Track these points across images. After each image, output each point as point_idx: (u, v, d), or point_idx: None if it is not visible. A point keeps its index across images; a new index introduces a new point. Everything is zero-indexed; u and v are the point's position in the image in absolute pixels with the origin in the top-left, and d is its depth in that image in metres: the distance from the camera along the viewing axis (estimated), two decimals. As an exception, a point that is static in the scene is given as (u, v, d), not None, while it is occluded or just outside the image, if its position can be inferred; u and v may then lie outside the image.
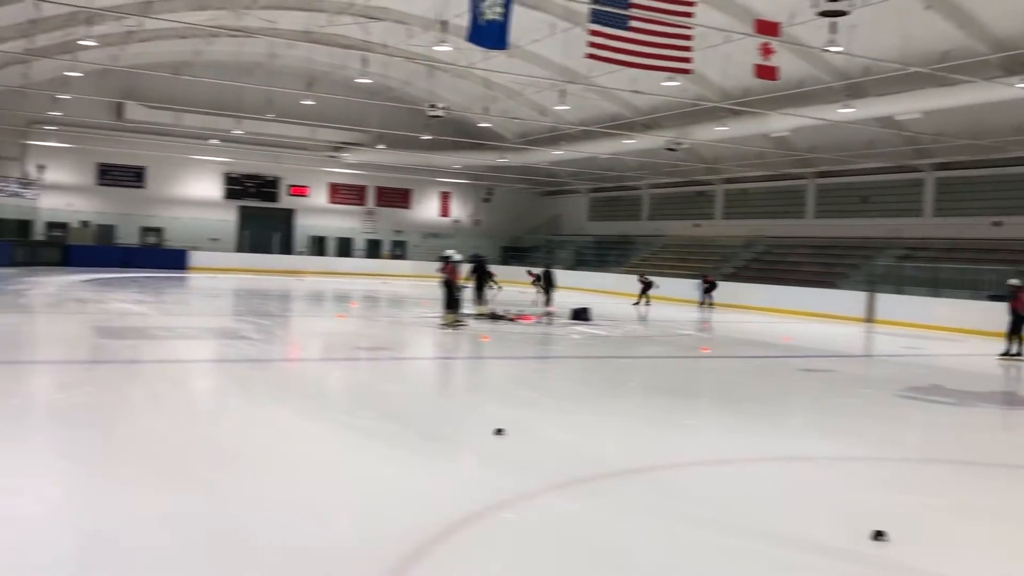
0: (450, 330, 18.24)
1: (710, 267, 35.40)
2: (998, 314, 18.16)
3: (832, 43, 18.40)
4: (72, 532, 5.30)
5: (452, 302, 19.03)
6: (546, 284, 25.22)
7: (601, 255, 43.77)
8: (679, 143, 32.68)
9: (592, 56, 15.67)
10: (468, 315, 21.07)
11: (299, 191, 46.19)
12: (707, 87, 30.04)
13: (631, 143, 35.24)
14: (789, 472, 7.79)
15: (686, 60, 16.06)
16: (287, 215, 46.07)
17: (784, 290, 30.06)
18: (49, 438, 7.65)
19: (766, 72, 19.20)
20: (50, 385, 10.52)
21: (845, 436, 9.40)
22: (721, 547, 5.55)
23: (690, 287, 31.35)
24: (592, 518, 6.06)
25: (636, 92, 26.61)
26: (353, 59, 32.81)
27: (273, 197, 45.58)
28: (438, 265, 19.85)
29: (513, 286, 36.09)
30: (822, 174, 35.02)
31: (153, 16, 26.02)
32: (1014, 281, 17.24)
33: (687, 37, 15.89)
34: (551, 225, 51.21)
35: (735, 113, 29.65)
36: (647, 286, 30.04)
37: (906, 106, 25.62)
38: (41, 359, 12.79)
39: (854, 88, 26.96)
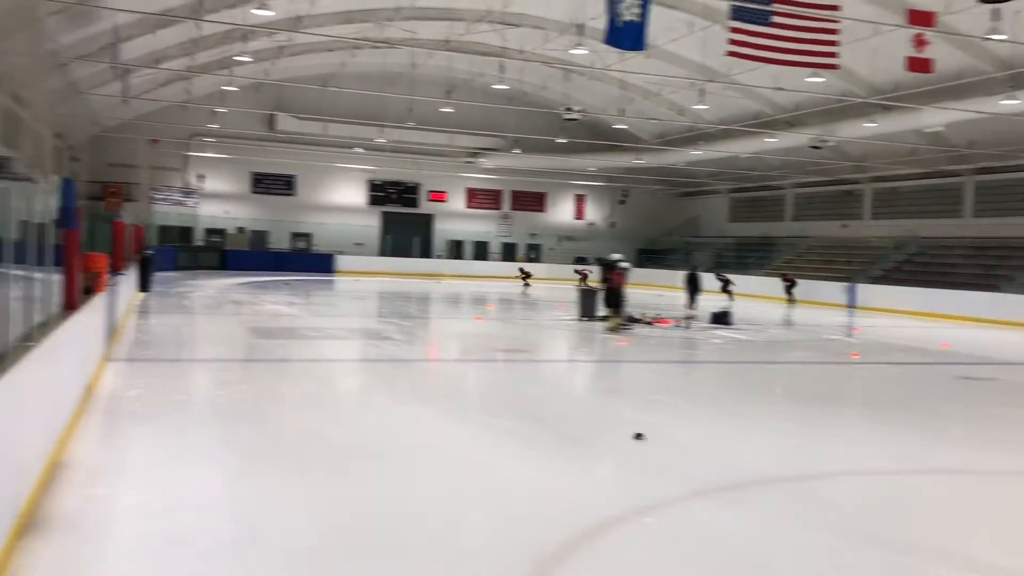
0: (615, 334, 18.22)
1: (857, 269, 33.88)
2: None
3: (995, 31, 17.28)
4: (233, 521, 5.61)
5: (615, 305, 19.00)
6: (691, 287, 24.64)
7: (742, 257, 42.66)
8: (824, 141, 31.46)
9: (733, 54, 15.33)
10: (601, 318, 21.00)
11: (437, 196, 47.30)
12: (854, 82, 28.79)
13: (773, 142, 34.17)
14: (945, 485, 7.37)
15: (832, 55, 15.48)
16: (426, 220, 47.27)
17: (940, 293, 28.34)
18: (210, 432, 8.13)
19: (919, 64, 18.23)
20: (211, 382, 11.19)
21: (1008, 448, 8.80)
22: (870, 561, 5.31)
23: (836, 290, 30.11)
24: (734, 526, 5.92)
25: (779, 89, 25.81)
26: (490, 65, 33.32)
27: (413, 203, 46.87)
28: (586, 269, 19.82)
29: (650, 289, 35.69)
30: (982, 170, 32.86)
31: (303, 31, 27.25)
32: None
33: (833, 31, 15.31)
34: (689, 227, 50.35)
35: (885, 108, 28.27)
36: (791, 284, 29.13)
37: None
38: (202, 357, 13.61)
39: (1020, 78, 25.18)
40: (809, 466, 7.80)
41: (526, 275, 38.36)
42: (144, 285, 23.09)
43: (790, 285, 31.26)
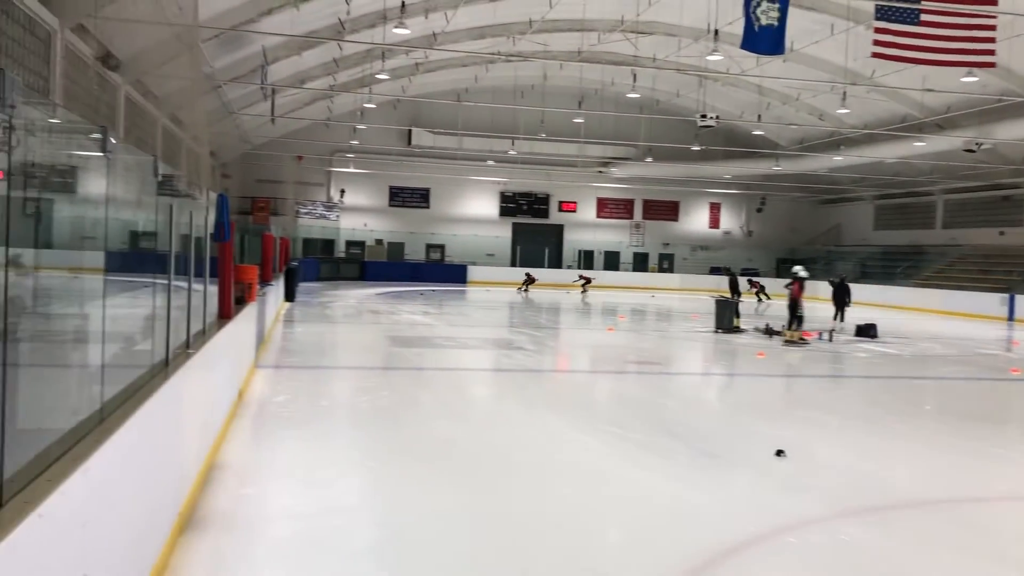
0: (793, 347, 17.88)
1: (1018, 279, 31.69)
2: None
3: None
4: (375, 525, 5.78)
5: (795, 318, 18.92)
6: (838, 298, 23.54)
7: (888, 267, 40.70)
8: (980, 143, 29.64)
9: (879, 55, 14.70)
10: (741, 329, 20.48)
11: (568, 207, 47.38)
12: (1013, 80, 26.99)
13: (922, 145, 32.45)
14: None
15: (989, 52, 14.59)
16: (557, 230, 47.41)
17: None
18: (352, 437, 8.41)
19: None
20: (352, 388, 11.57)
21: None
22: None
23: (994, 302, 28.26)
24: (884, 549, 5.63)
25: (928, 91, 24.52)
26: (623, 74, 33.16)
27: (544, 213, 47.12)
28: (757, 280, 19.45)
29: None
30: None
31: (438, 48, 27.94)
32: None
33: (990, 27, 14.42)
34: (831, 235, 48.44)
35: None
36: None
37: None
38: (344, 364, 14.11)
39: None
40: (965, 488, 7.34)
41: (586, 281, 38.18)
42: (290, 295, 24.17)
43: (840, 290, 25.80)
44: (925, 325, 21.97)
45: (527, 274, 39.11)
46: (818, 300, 31.09)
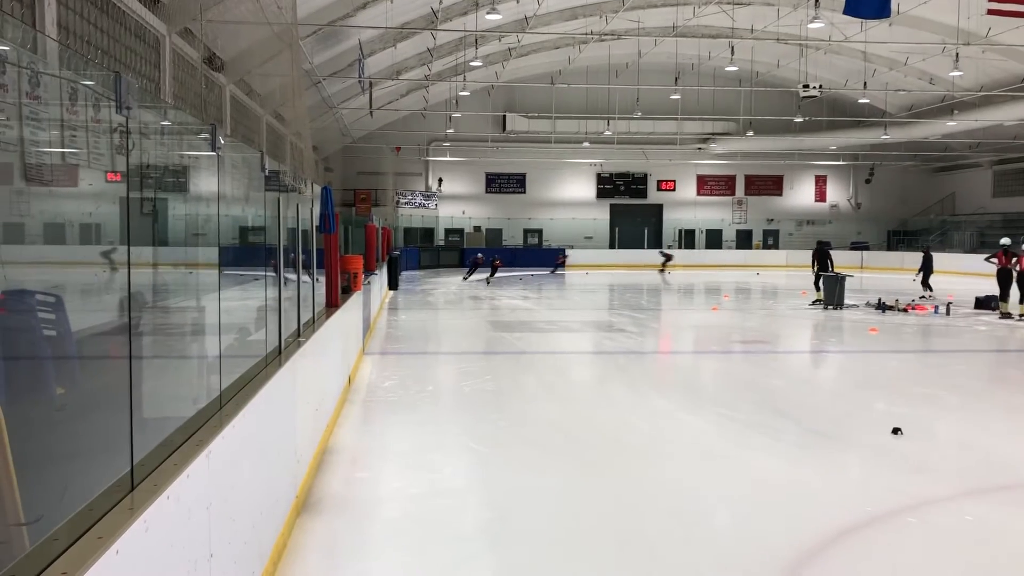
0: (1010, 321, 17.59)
1: None
2: None
3: None
4: (485, 506, 5.86)
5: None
6: (924, 268, 23.13)
7: (1010, 236, 38.57)
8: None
9: (995, 12, 13.90)
10: (853, 305, 19.81)
11: (667, 186, 46.67)
12: None
13: (1043, 105, 30.59)
14: None
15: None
16: (656, 210, 46.78)
17: None
18: (459, 420, 8.53)
19: None
20: (456, 373, 11.73)
21: None
22: None
23: None
24: (1010, 529, 5.37)
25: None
26: (720, 48, 32.40)
27: (642, 193, 46.56)
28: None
29: (903, 274, 33.23)
30: None
31: (530, 31, 27.91)
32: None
33: (1119, -28, 13.46)
34: (945, 205, 46.25)
35: None
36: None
37: None
38: (447, 350, 14.31)
39: None
40: (1103, 467, 6.92)
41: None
42: (393, 283, 24.66)
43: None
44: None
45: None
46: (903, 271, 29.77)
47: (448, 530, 5.33)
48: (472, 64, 30.64)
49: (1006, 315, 18.36)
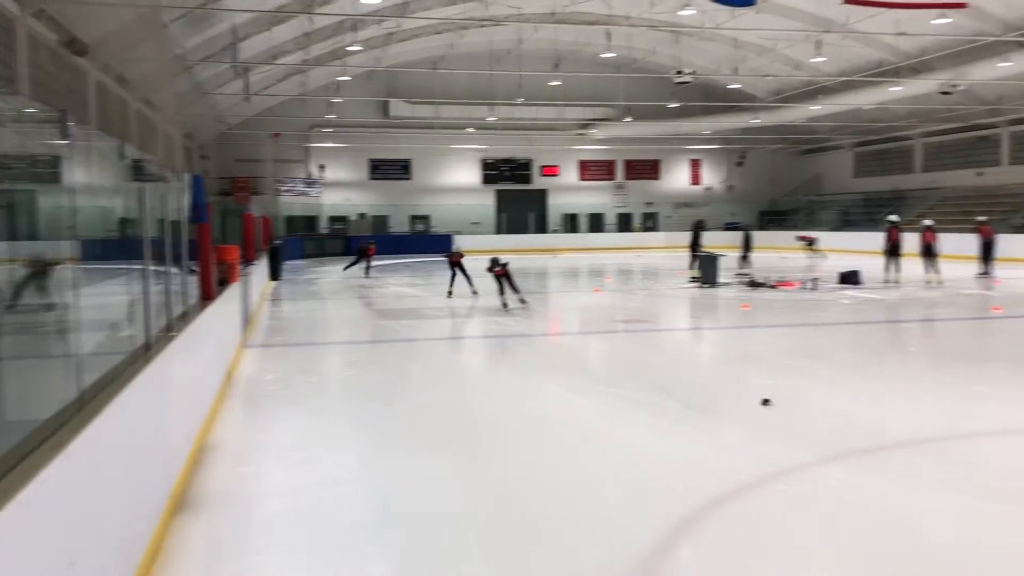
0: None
1: (997, 219, 31.87)
2: None
3: None
4: (371, 496, 5.81)
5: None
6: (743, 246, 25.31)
7: (870, 214, 40.83)
8: (955, 85, 29.61)
9: (852, 1, 14.60)
10: (727, 283, 20.56)
11: (550, 171, 47.18)
12: (986, 20, 26.91)
13: (898, 90, 32.41)
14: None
15: (961, -9, 14.52)
16: (540, 195, 47.26)
17: (1093, 240, 26.39)
18: (344, 411, 8.43)
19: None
20: (342, 363, 11.57)
21: None
22: (1002, 514, 5.02)
23: (974, 242, 28.39)
24: (876, 490, 5.71)
25: (902, 35, 24.42)
26: (597, 34, 32.88)
27: (527, 179, 46.93)
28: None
29: (773, 252, 34.68)
30: None
31: (410, 16, 27.62)
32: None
33: (961, -35, 14.34)
34: (812, 185, 48.49)
35: (1021, 45, 26.33)
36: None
37: None
38: (332, 340, 14.09)
39: None
40: (955, 427, 7.43)
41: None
42: (274, 274, 24.07)
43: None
44: (908, 268, 22.15)
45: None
46: (797, 250, 31.20)
47: (333, 521, 5.26)
48: (351, 49, 30.11)
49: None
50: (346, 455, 6.77)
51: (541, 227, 46.50)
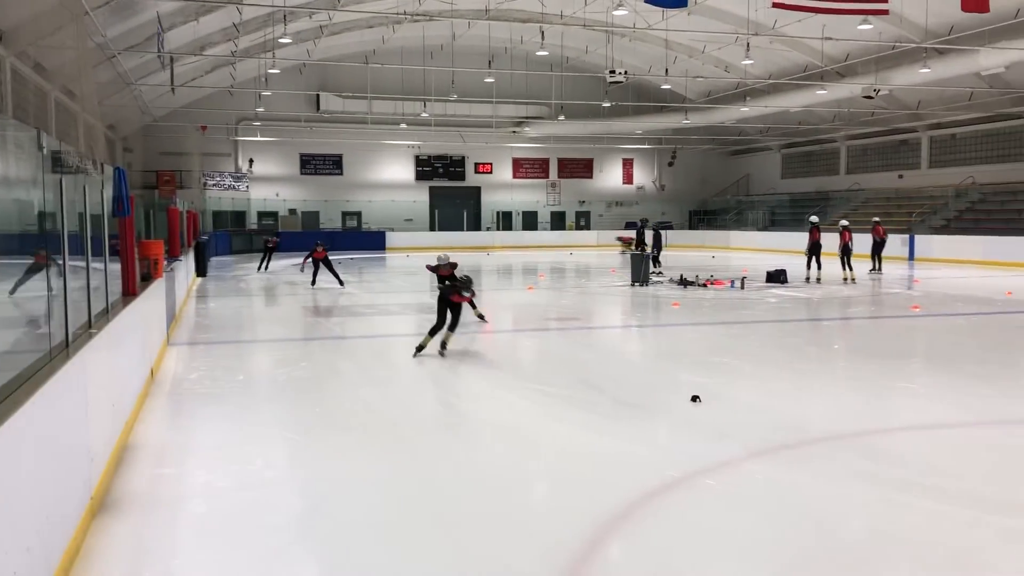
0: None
1: (917, 220, 33.03)
2: None
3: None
4: (299, 495, 5.72)
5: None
6: (646, 241, 25.54)
7: (796, 214, 41.90)
8: (877, 90, 30.57)
9: (779, 5, 14.94)
10: (656, 281, 20.85)
11: (484, 168, 47.20)
12: (907, 27, 27.84)
13: (824, 93, 33.33)
14: (1016, 437, 7.17)
15: (883, 0, 14.98)
16: (475, 192, 47.25)
17: (1003, 241, 27.56)
18: (273, 410, 8.28)
19: (976, 4, 17.55)
20: (271, 361, 11.38)
21: (1084, 397, 8.54)
22: (942, 516, 5.21)
23: (895, 243, 29.39)
24: (799, 485, 5.85)
25: (827, 39, 25.08)
26: (531, 32, 32.98)
27: (460, 176, 46.86)
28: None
29: (703, 251, 35.30)
30: (1046, 111, 31.68)
31: (342, 9, 27.30)
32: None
33: (883, -26, 14.80)
34: (740, 186, 49.52)
35: (940, 52, 27.33)
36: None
37: None
38: (261, 338, 13.84)
39: (1082, 12, 24.14)
40: (875, 422, 7.66)
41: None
42: (201, 270, 23.54)
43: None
44: (831, 268, 22.81)
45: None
46: (728, 249, 31.84)
47: (260, 522, 5.17)
48: (281, 41, 29.58)
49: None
50: (273, 455, 6.65)
51: (475, 224, 46.48)
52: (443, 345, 11.02)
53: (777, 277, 21.45)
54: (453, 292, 11.06)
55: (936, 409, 8.15)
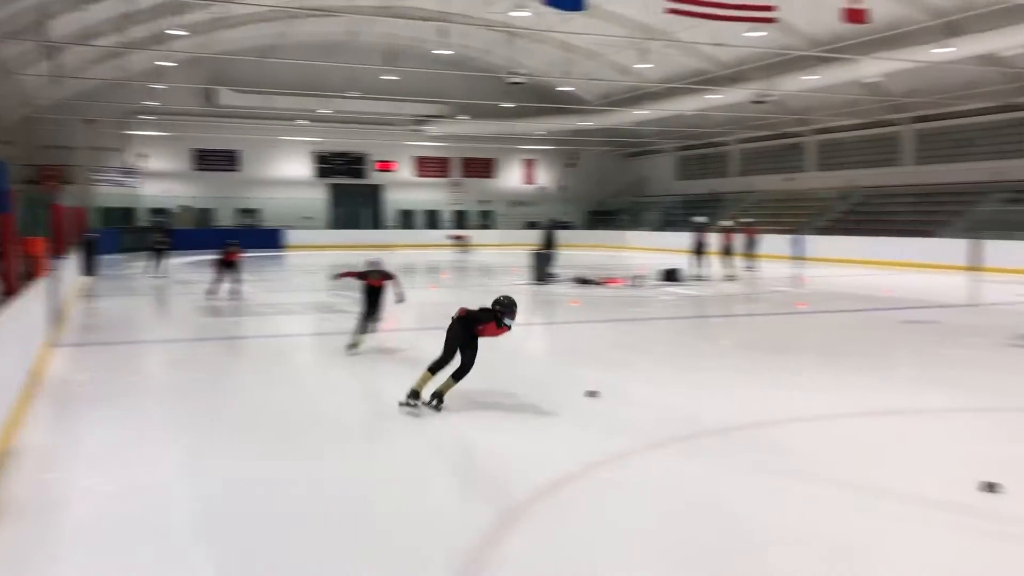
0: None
1: (804, 221, 34.45)
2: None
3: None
4: (188, 500, 5.58)
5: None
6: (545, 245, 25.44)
7: (690, 215, 43.07)
8: (767, 95, 31.76)
9: (673, 11, 15.37)
10: (556, 280, 21.13)
11: (385, 166, 46.80)
12: (794, 35, 29.03)
13: (716, 98, 34.41)
14: (897, 425, 7.58)
15: (770, 8, 15.58)
16: (376, 191, 46.79)
17: (882, 241, 29.06)
18: (164, 413, 8.04)
19: (855, 15, 18.45)
20: (162, 363, 11.04)
21: (953, 387, 9.10)
22: (830, 502, 5.47)
23: (784, 242, 30.55)
24: (693, 476, 6.05)
25: (719, 45, 25.89)
26: (432, 31, 32.94)
27: (361, 174, 46.34)
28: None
29: (602, 250, 35.94)
30: (919, 119, 33.52)
31: (238, 2, 26.62)
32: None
33: (771, -16, 15.40)
34: (637, 187, 50.59)
35: (825, 61, 28.58)
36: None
37: (1010, 41, 24.23)
38: (152, 339, 13.40)
39: (952, 26, 25.65)
40: (766, 414, 7.95)
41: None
42: (89, 269, 22.60)
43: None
44: (715, 266, 23.70)
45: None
46: (626, 249, 32.53)
47: (150, 527, 5.03)
48: (174, 33, 28.67)
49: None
50: (163, 458, 6.47)
51: (376, 223, 46.03)
52: (439, 398, 7.90)
53: (672, 276, 22.03)
54: (481, 323, 8.21)
55: (823, 400, 8.54)
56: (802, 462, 6.34)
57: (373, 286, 10.87)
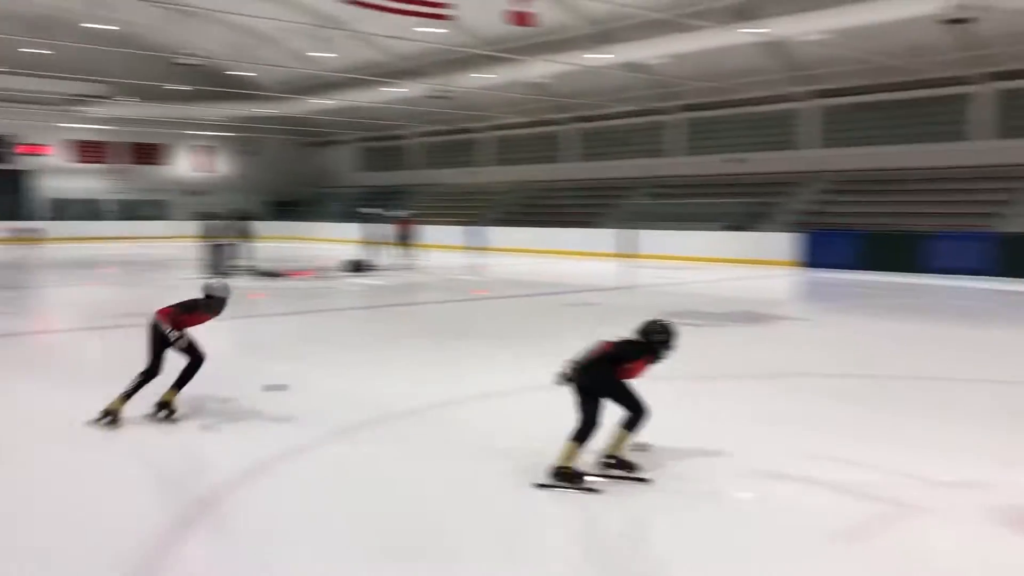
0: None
1: (480, 212, 36.19)
2: (740, 243, 20.01)
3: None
4: None
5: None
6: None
7: (375, 206, 43.45)
8: (445, 91, 32.89)
9: (351, 2, 15.41)
10: (236, 273, 20.36)
11: (33, 150, 41.83)
12: (467, 34, 30.29)
13: (396, 91, 34.98)
14: (563, 398, 8.27)
15: (445, 5, 16.17)
16: (23, 177, 41.69)
17: (549, 232, 31.49)
18: None
19: (521, 18, 19.61)
20: None
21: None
22: (507, 475, 5.85)
23: (460, 233, 31.90)
24: (370, 458, 6.21)
25: (395, 38, 26.33)
26: (92, 4, 30.00)
27: (3, 158, 41.01)
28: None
29: (287, 242, 35.11)
30: (582, 119, 36.62)
31: None
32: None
33: (445, -16, 15.98)
34: (319, 178, 49.96)
35: (497, 60, 30.18)
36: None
37: (651, 52, 27.26)
38: None
39: (608, 34, 28.28)
40: (449, 394, 8.30)
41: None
42: None
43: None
44: (391, 255, 24.50)
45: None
46: (314, 240, 32.07)
47: None
48: None
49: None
50: None
51: (24, 214, 40.95)
52: (622, 463, 5.93)
53: (357, 266, 22.15)
54: (628, 361, 6.22)
55: (498, 379, 9.09)
56: (480, 436, 6.73)
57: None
